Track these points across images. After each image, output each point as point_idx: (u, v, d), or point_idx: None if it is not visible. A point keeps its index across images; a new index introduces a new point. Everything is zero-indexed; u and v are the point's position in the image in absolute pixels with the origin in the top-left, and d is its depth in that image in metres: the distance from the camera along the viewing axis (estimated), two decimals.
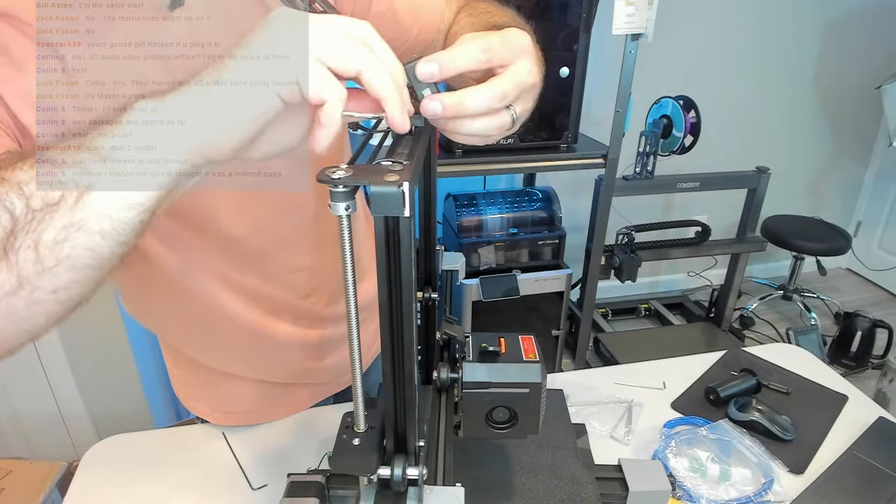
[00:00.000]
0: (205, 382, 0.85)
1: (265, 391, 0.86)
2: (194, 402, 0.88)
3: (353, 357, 0.46)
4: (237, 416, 0.87)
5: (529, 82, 0.47)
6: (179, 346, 0.82)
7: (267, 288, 0.74)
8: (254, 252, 0.70)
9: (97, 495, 0.78)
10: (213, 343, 0.79)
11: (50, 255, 0.38)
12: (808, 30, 2.70)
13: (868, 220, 3.19)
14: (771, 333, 2.77)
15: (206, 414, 0.87)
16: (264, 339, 0.78)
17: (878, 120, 2.94)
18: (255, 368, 0.83)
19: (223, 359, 0.81)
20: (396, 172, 0.39)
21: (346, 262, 0.42)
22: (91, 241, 0.39)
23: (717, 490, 0.78)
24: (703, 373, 1.03)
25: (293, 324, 0.79)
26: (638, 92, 1.87)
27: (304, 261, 0.75)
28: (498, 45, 0.45)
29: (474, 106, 0.44)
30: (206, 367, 0.82)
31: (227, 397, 0.86)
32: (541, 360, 0.57)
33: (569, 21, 1.81)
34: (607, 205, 2.03)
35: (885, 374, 2.12)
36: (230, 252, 0.69)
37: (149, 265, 0.66)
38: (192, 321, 0.75)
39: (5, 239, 0.37)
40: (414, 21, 0.69)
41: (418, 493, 0.49)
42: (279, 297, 0.76)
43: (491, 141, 0.49)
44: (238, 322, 0.74)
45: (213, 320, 0.73)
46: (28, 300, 0.39)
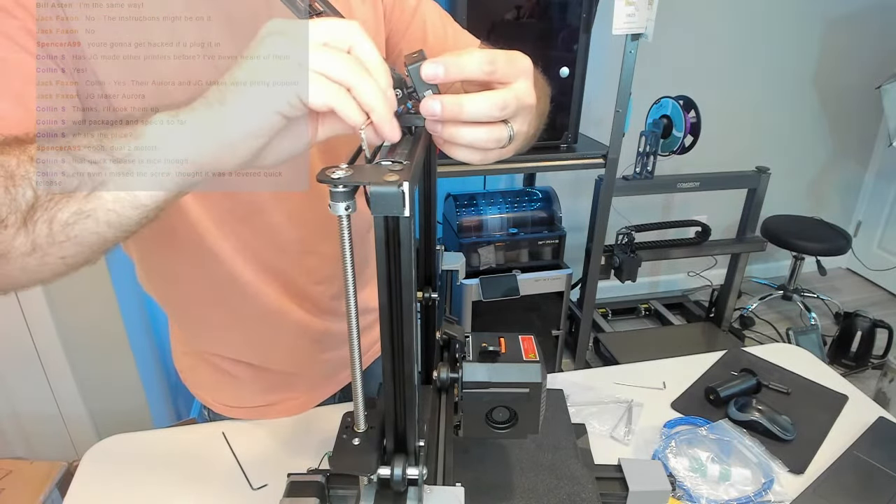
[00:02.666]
0: (209, 373, 0.87)
1: (266, 385, 0.87)
2: (198, 391, 0.91)
3: (353, 357, 0.46)
4: (237, 410, 0.89)
5: (528, 101, 0.47)
6: (191, 325, 0.83)
7: (281, 263, 0.75)
8: (272, 222, 0.71)
9: (97, 495, 0.78)
10: (223, 319, 0.79)
11: (61, 232, 0.43)
12: (808, 30, 2.70)
13: (868, 220, 3.19)
14: (771, 333, 2.77)
15: (209, 403, 0.90)
16: (273, 318, 0.78)
17: (878, 120, 2.94)
18: (259, 352, 0.84)
19: (232, 337, 0.82)
20: (396, 172, 0.39)
21: (346, 262, 0.42)
22: (98, 227, 0.44)
23: (717, 490, 0.78)
24: (703, 373, 1.03)
25: (301, 308, 0.80)
26: (638, 92, 1.87)
27: (321, 245, 0.76)
28: (502, 61, 0.46)
29: (473, 110, 0.44)
30: (211, 358, 0.85)
31: (229, 390, 0.88)
32: (541, 360, 0.57)
33: (569, 21, 1.81)
34: (607, 205, 2.03)
35: (885, 374, 2.12)
36: (250, 220, 0.70)
37: (168, 226, 0.67)
38: (207, 290, 0.75)
39: (26, 211, 0.42)
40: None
41: (418, 493, 0.49)
42: (292, 277, 0.77)
43: (488, 160, 0.49)
44: (250, 294, 0.75)
45: (228, 290, 0.74)
46: (40, 262, 0.45)
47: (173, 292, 0.79)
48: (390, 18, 0.74)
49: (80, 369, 1.53)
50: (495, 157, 0.50)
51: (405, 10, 0.74)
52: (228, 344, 0.83)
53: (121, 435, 0.88)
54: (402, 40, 0.75)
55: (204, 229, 0.68)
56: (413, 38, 0.76)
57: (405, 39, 0.75)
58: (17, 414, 1.54)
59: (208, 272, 0.72)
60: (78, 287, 1.46)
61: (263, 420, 0.89)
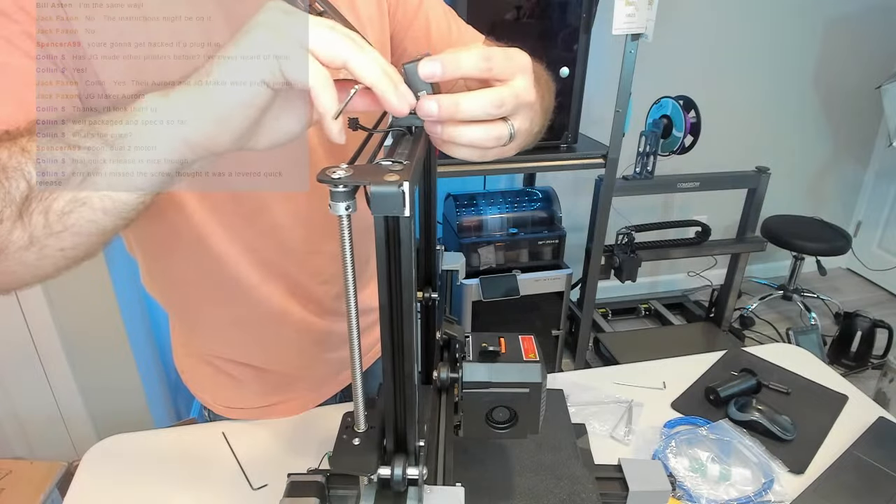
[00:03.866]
0: (209, 375, 0.87)
1: (266, 388, 0.87)
2: (199, 392, 0.91)
3: (353, 357, 0.46)
4: (238, 411, 0.89)
5: (527, 98, 0.46)
6: (194, 326, 0.83)
7: (286, 263, 0.75)
8: (277, 223, 0.71)
9: (97, 495, 0.78)
10: (227, 319, 0.79)
11: (58, 222, 0.43)
12: (808, 30, 2.70)
13: (868, 220, 3.19)
14: (771, 333, 2.77)
15: (209, 404, 0.90)
16: (277, 319, 0.78)
17: (878, 120, 2.94)
18: (262, 353, 0.84)
19: (234, 338, 0.82)
20: (396, 172, 0.39)
21: (346, 262, 0.42)
22: (94, 215, 0.44)
23: (717, 490, 0.78)
24: (703, 373, 1.03)
25: (305, 308, 0.80)
26: (638, 92, 1.87)
27: (326, 245, 0.76)
28: (500, 57, 0.45)
29: (470, 109, 0.44)
30: (213, 360, 0.85)
31: (230, 391, 0.88)
32: (541, 360, 0.57)
33: (569, 21, 1.81)
34: (607, 205, 2.03)
35: (885, 374, 2.12)
36: (255, 221, 0.69)
37: (172, 227, 0.66)
38: (210, 290, 0.75)
39: (21, 203, 0.42)
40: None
41: (418, 493, 0.49)
42: (297, 278, 0.77)
43: (487, 157, 0.49)
44: (254, 295, 0.75)
45: (232, 291, 0.74)
46: (38, 255, 0.44)
47: (177, 293, 0.79)
48: (394, 16, 0.73)
49: (80, 369, 1.53)
50: (496, 155, 0.49)
51: (409, 7, 0.74)
52: (231, 345, 0.83)
53: (121, 435, 0.88)
54: (405, 38, 0.75)
55: (209, 231, 0.67)
56: (417, 36, 0.75)
57: (409, 37, 0.75)
58: (17, 414, 1.55)
59: (212, 273, 0.72)
60: (78, 287, 1.46)
61: (264, 420, 0.89)
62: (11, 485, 1.38)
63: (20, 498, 1.35)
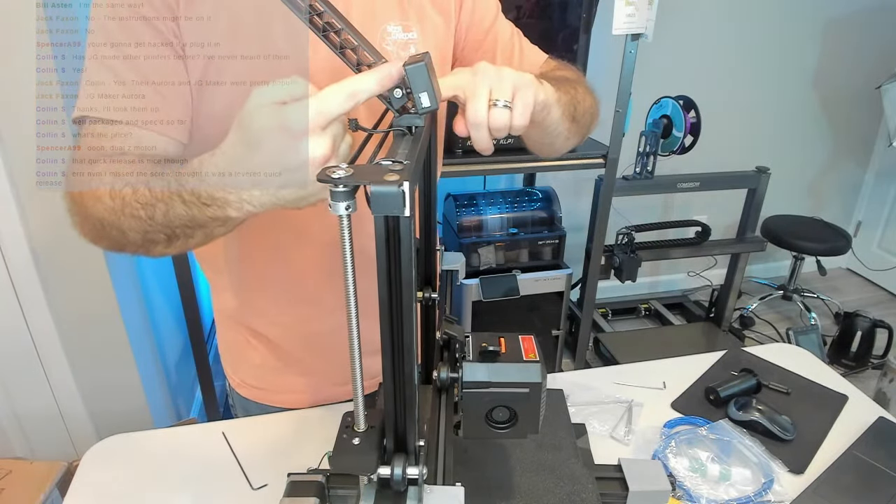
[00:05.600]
0: (235, 346, 0.91)
1: (279, 365, 0.89)
2: (226, 365, 0.96)
3: (353, 357, 0.46)
4: (247, 389, 0.92)
5: (521, 79, 0.55)
6: (234, 283, 0.85)
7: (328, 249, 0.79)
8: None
9: (97, 495, 0.78)
10: (268, 282, 0.82)
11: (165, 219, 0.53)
12: (808, 30, 2.70)
13: (868, 220, 3.19)
14: (771, 333, 2.77)
15: (229, 376, 0.95)
16: (313, 300, 0.82)
17: (878, 120, 2.94)
18: (286, 324, 0.85)
19: (270, 305, 0.84)
20: (396, 172, 0.39)
21: (347, 262, 0.42)
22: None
23: (717, 490, 0.78)
24: (703, 373, 1.03)
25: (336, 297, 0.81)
26: (638, 92, 1.87)
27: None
28: (465, 82, 0.53)
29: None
30: (242, 330, 0.88)
31: (246, 367, 0.92)
32: (541, 360, 0.57)
33: (569, 21, 1.81)
34: (607, 205, 2.03)
35: (885, 374, 2.12)
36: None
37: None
38: (260, 253, 0.79)
39: (153, 205, 0.52)
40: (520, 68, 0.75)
41: (418, 493, 0.49)
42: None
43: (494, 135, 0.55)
44: (300, 273, 0.79)
45: (280, 266, 0.79)
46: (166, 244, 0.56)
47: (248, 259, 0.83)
48: (467, 33, 0.81)
49: (80, 369, 1.53)
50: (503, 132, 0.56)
51: (481, 28, 0.81)
52: (264, 310, 0.85)
53: (121, 435, 0.88)
54: (475, 55, 0.82)
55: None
56: (485, 55, 0.82)
57: (478, 55, 0.82)
58: (17, 414, 1.54)
59: (259, 242, 0.77)
60: (78, 287, 1.45)
61: (264, 419, 0.89)
62: (11, 485, 1.38)
63: (20, 498, 1.35)
